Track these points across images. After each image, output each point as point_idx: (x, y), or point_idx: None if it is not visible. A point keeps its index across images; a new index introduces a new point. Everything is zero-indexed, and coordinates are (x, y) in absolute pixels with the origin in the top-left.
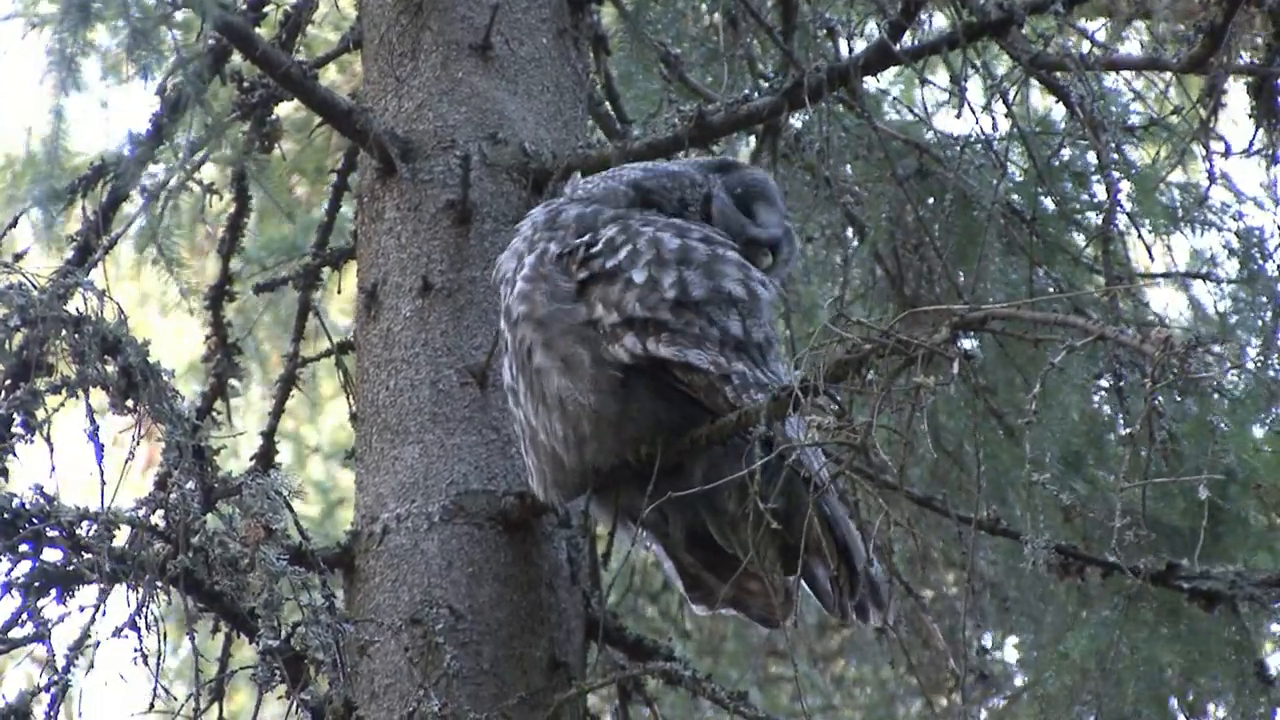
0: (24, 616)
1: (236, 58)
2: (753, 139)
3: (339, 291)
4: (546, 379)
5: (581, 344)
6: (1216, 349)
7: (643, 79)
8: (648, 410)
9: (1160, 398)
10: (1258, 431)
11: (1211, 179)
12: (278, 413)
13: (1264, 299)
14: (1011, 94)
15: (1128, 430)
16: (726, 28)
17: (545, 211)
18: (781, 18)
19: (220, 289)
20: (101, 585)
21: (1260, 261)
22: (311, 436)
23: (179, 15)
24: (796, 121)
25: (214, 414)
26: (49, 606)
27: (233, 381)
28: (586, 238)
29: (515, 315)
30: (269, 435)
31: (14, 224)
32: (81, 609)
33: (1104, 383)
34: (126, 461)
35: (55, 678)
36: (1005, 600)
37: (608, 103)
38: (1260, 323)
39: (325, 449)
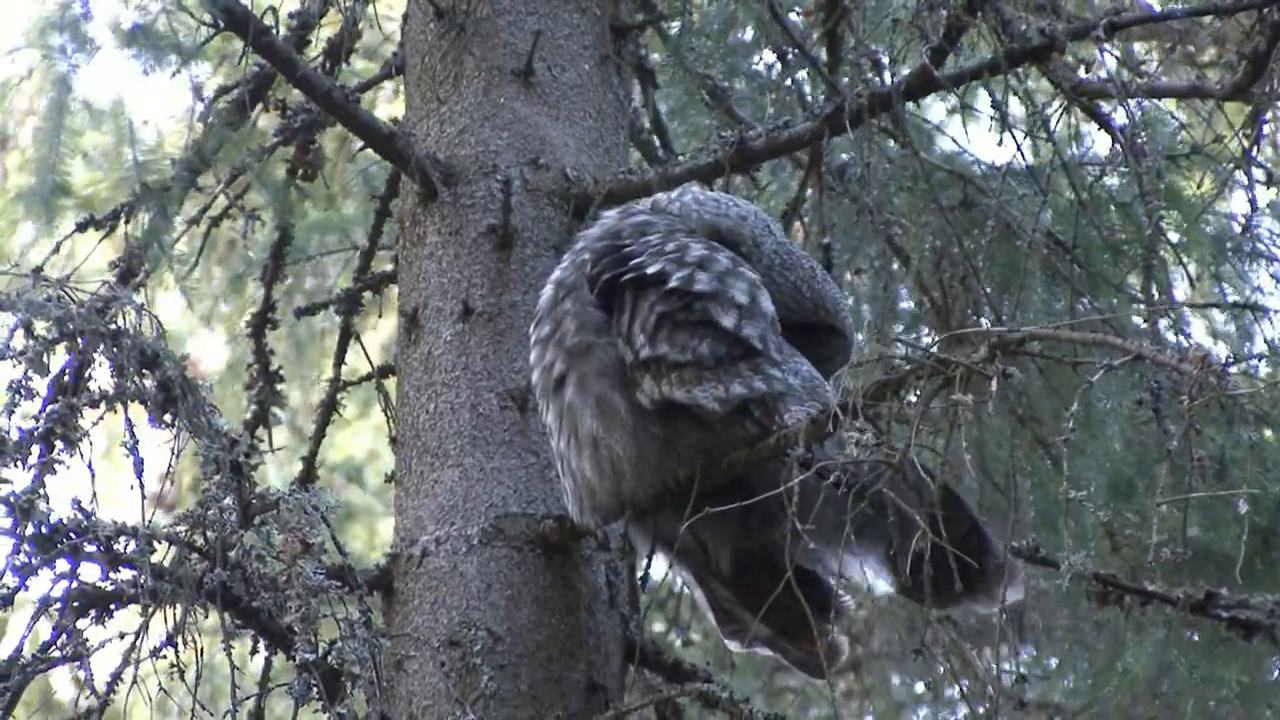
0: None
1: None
2: (799, 172)
3: (380, 316)
4: (579, 417)
5: (616, 389)
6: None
7: (693, 113)
8: (693, 442)
9: (1208, 425)
10: None
11: (1254, 208)
12: (319, 437)
13: None
14: (1054, 122)
15: (1168, 448)
16: (777, 61)
17: (618, 214)
18: (827, 50)
19: (263, 317)
20: (144, 602)
21: None
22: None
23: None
24: (843, 155)
25: (256, 441)
26: (88, 626)
27: (275, 409)
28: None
29: (543, 332)
30: (310, 460)
31: (56, 250)
32: (122, 635)
33: (1143, 403)
34: (166, 475)
35: (95, 699)
36: (1051, 630)
37: (656, 137)
38: None
39: None
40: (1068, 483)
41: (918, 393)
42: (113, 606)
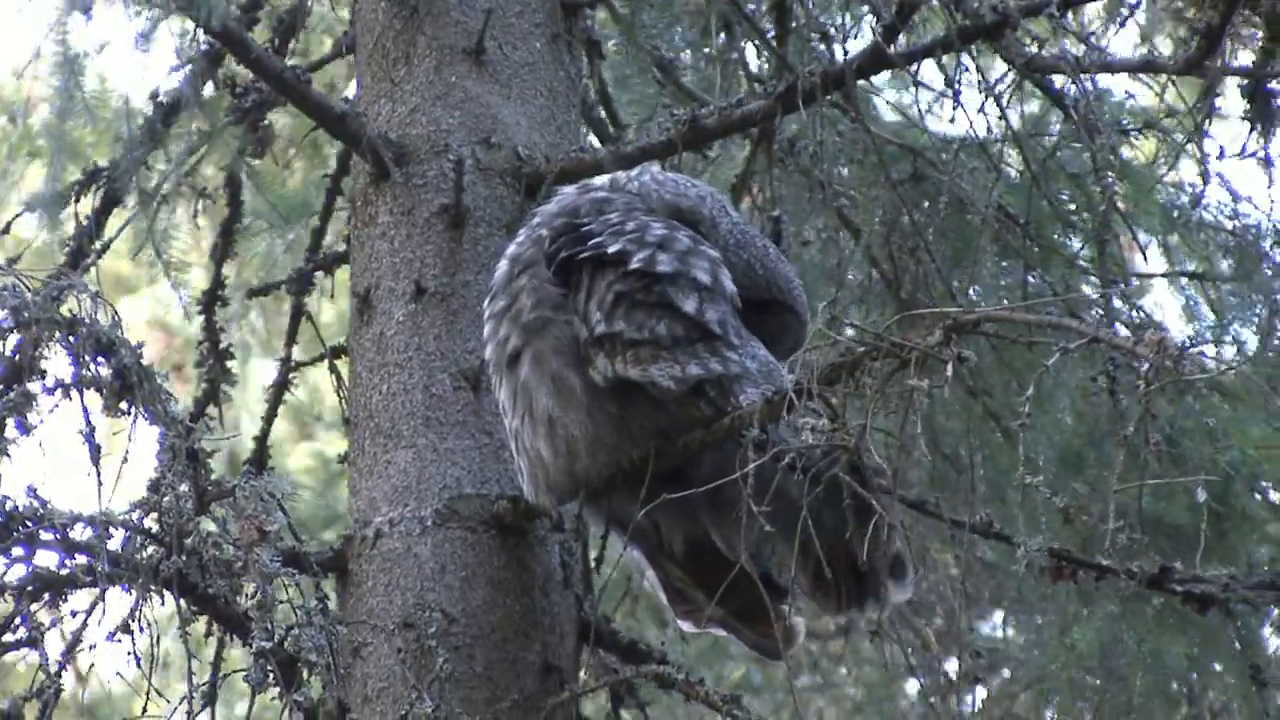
0: (17, 621)
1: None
2: (747, 143)
3: (332, 297)
4: (535, 395)
5: (572, 367)
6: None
7: (639, 83)
8: (649, 423)
9: (1160, 399)
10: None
11: (1205, 181)
12: (270, 418)
13: (1260, 297)
14: (1006, 98)
15: (1124, 433)
16: (721, 32)
17: (576, 190)
18: (775, 22)
19: (213, 294)
20: (100, 586)
21: (1258, 260)
22: None
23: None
24: (792, 126)
25: (207, 419)
26: (42, 610)
27: (225, 387)
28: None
29: (498, 306)
30: (262, 440)
31: (7, 230)
32: (74, 614)
33: (1100, 384)
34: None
35: (48, 683)
36: (1004, 600)
37: (602, 108)
38: (1257, 321)
39: None
40: (1024, 466)
41: (872, 376)
42: (67, 591)
